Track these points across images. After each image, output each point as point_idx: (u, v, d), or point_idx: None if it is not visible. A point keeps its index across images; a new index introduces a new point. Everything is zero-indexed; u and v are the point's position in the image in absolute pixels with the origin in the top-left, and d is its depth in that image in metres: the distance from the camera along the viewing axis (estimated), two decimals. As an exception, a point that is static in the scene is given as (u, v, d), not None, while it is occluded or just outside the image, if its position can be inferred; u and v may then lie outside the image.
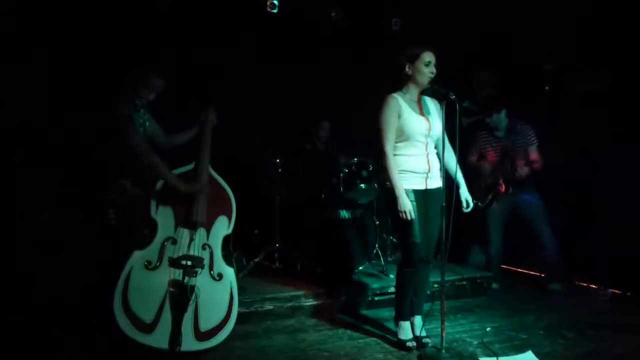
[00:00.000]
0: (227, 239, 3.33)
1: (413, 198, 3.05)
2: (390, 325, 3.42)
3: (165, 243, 3.03)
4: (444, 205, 3.00)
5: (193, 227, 3.10)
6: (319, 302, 3.85)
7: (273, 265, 4.59)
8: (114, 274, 2.88)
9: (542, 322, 3.69)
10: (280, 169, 4.63)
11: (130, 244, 2.99)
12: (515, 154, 4.32)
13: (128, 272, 2.90)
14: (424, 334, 3.20)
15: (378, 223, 4.52)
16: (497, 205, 4.42)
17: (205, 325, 2.94)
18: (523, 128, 4.36)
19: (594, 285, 4.54)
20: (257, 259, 4.44)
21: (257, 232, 4.79)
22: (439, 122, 3.15)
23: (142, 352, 2.81)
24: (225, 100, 3.73)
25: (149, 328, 2.83)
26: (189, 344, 2.87)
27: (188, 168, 3.26)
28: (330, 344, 3.26)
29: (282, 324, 3.61)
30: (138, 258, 2.94)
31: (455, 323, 3.68)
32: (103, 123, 3.08)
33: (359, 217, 4.50)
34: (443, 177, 3.19)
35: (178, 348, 2.82)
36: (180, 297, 2.90)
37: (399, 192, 2.99)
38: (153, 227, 3.08)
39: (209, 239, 3.14)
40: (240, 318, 3.22)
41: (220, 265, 3.12)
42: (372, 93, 3.31)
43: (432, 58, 3.05)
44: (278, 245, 4.56)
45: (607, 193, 4.54)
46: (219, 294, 3.05)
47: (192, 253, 3.04)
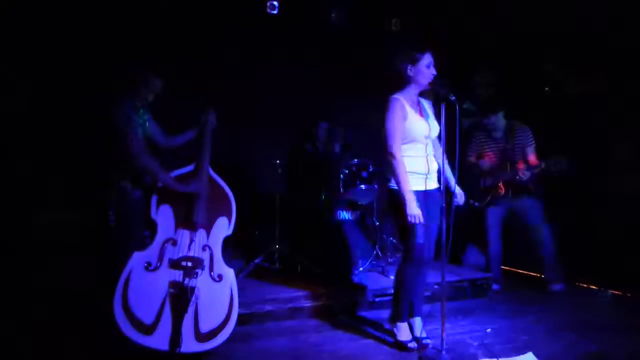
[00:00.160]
0: (227, 240, 3.33)
1: (414, 199, 3.06)
2: (391, 326, 3.42)
3: (165, 244, 3.02)
4: (444, 206, 3.00)
5: (193, 228, 3.09)
6: (319, 303, 3.84)
7: (273, 267, 4.58)
8: (114, 275, 2.88)
9: (542, 323, 3.68)
10: (280, 170, 4.63)
11: (130, 245, 2.99)
12: (514, 156, 4.31)
13: (128, 273, 2.89)
14: (424, 335, 3.20)
15: (378, 224, 4.51)
16: (495, 206, 4.41)
17: (206, 327, 2.94)
18: (521, 129, 4.36)
19: (595, 287, 4.54)
20: (257, 260, 4.43)
21: (257, 233, 4.80)
22: (436, 123, 3.17)
23: (142, 353, 2.81)
24: (225, 101, 3.72)
25: (149, 329, 2.83)
26: (189, 346, 2.87)
27: (188, 169, 3.26)
28: (331, 345, 3.26)
29: (282, 325, 3.61)
30: (138, 259, 2.94)
31: (456, 324, 3.67)
32: (103, 123, 3.07)
33: (359, 218, 4.50)
34: (443, 178, 3.20)
35: (178, 349, 2.82)
36: (181, 298, 2.89)
37: (409, 195, 2.99)
38: (153, 228, 3.07)
39: (209, 240, 3.13)
40: (241, 319, 3.22)
41: (221, 267, 3.11)
42: (372, 93, 3.31)
43: (432, 59, 3.06)
44: (278, 247, 4.56)
45: (607, 193, 4.53)
46: (219, 295, 3.04)
47: (192, 254, 3.03)
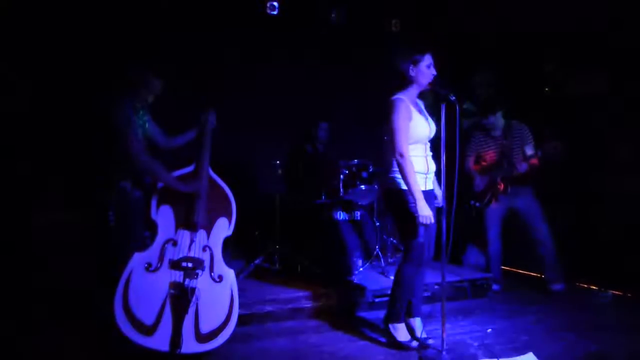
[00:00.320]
0: (227, 241, 3.33)
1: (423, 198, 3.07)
2: (391, 327, 3.42)
3: (166, 245, 3.02)
4: (444, 207, 3.00)
5: (193, 228, 3.09)
6: (319, 303, 3.85)
7: (273, 267, 4.59)
8: (114, 276, 2.88)
9: (542, 323, 3.68)
10: (280, 171, 4.64)
11: (131, 246, 2.99)
12: (512, 153, 4.32)
13: (128, 274, 2.89)
14: (425, 336, 3.21)
15: (378, 224, 4.51)
16: (496, 205, 4.41)
17: (206, 327, 2.94)
18: (519, 127, 4.37)
19: (595, 287, 4.54)
20: (257, 261, 4.43)
21: (257, 233, 4.80)
22: (433, 123, 3.18)
23: (142, 354, 2.81)
24: (225, 101, 3.73)
25: (150, 330, 2.82)
26: (190, 346, 2.87)
27: (188, 169, 3.26)
28: (331, 346, 3.26)
29: (282, 326, 3.61)
30: (138, 260, 2.94)
31: (456, 324, 3.67)
32: (103, 124, 3.07)
33: (359, 218, 4.50)
34: (443, 178, 3.20)
35: (178, 350, 2.82)
36: (181, 299, 2.89)
37: (419, 195, 2.98)
38: (153, 228, 3.07)
39: (209, 241, 3.13)
40: (241, 320, 3.21)
41: (221, 267, 3.11)
42: (372, 94, 3.32)
43: (432, 59, 3.07)
44: (278, 247, 4.56)
45: (606, 193, 4.53)
46: (220, 296, 3.04)
47: (192, 255, 3.03)
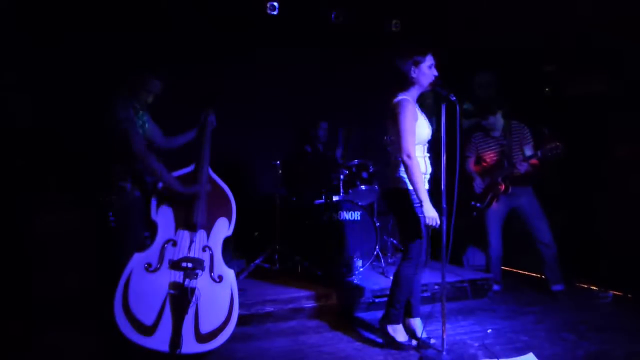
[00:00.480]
0: (227, 241, 3.33)
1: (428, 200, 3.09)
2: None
3: (166, 245, 3.03)
4: (445, 207, 3.00)
5: (193, 229, 3.10)
6: (319, 304, 3.85)
7: (273, 267, 4.59)
8: (114, 276, 2.88)
9: (543, 324, 3.68)
10: (281, 171, 4.64)
11: (131, 246, 2.99)
12: (512, 153, 4.32)
13: (128, 274, 2.89)
14: (425, 336, 3.21)
15: (379, 224, 4.51)
16: (496, 206, 4.41)
17: (206, 327, 2.94)
18: (518, 127, 4.37)
19: (595, 287, 4.54)
20: (257, 261, 4.43)
21: (257, 234, 4.80)
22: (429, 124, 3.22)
23: (142, 354, 2.80)
24: (225, 101, 3.73)
25: (150, 330, 2.82)
26: (190, 346, 2.87)
27: (188, 170, 3.26)
28: (331, 346, 3.25)
29: (282, 326, 3.61)
30: (138, 260, 2.94)
31: (456, 325, 3.67)
32: (103, 125, 3.08)
33: (360, 218, 4.50)
34: (443, 179, 3.20)
35: (179, 350, 2.82)
36: (181, 299, 2.89)
37: (425, 196, 3.00)
38: (153, 229, 3.07)
39: (209, 241, 3.13)
40: (241, 320, 3.22)
41: (221, 267, 3.11)
42: (372, 94, 3.31)
43: (434, 60, 3.08)
44: (278, 247, 4.56)
45: (607, 193, 4.53)
46: (220, 296, 3.04)
47: (192, 255, 3.03)
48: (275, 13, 4.83)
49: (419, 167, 3.03)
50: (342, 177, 4.58)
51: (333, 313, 3.83)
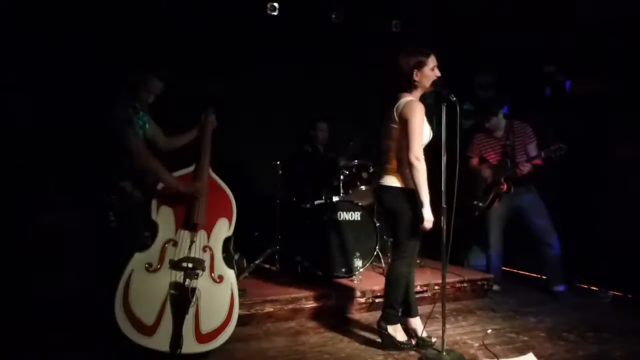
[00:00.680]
0: (227, 241, 3.33)
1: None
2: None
3: (166, 245, 3.02)
4: (445, 207, 3.00)
5: (194, 229, 3.09)
6: (319, 304, 3.85)
7: (273, 268, 4.59)
8: (115, 276, 2.87)
9: (543, 324, 3.68)
10: (281, 171, 4.63)
11: (131, 246, 2.98)
12: (515, 153, 4.31)
13: (129, 274, 2.89)
14: (425, 335, 3.21)
15: (378, 225, 4.51)
16: (498, 206, 4.41)
17: (206, 328, 2.94)
18: (521, 127, 4.37)
19: (595, 288, 4.54)
20: (257, 261, 4.43)
21: (257, 234, 4.79)
22: None
23: (142, 354, 2.80)
24: (226, 101, 3.72)
25: (150, 330, 2.82)
26: (190, 346, 2.86)
27: (188, 170, 3.26)
28: (331, 346, 3.26)
29: (282, 326, 3.61)
30: (139, 260, 2.94)
31: (456, 325, 3.68)
32: (103, 125, 3.07)
33: (359, 218, 4.50)
34: (443, 179, 3.20)
35: (179, 350, 2.81)
36: (181, 299, 2.89)
37: (427, 199, 3.01)
38: (153, 229, 3.07)
39: (210, 241, 3.13)
40: (241, 320, 3.22)
41: (221, 268, 3.11)
42: (372, 94, 3.31)
43: (436, 61, 3.08)
44: (278, 247, 4.56)
45: (607, 193, 4.53)
46: (220, 296, 3.04)
47: (192, 255, 3.03)
48: (275, 13, 4.84)
49: (425, 169, 3.04)
50: (342, 177, 4.58)
51: (333, 313, 3.83)
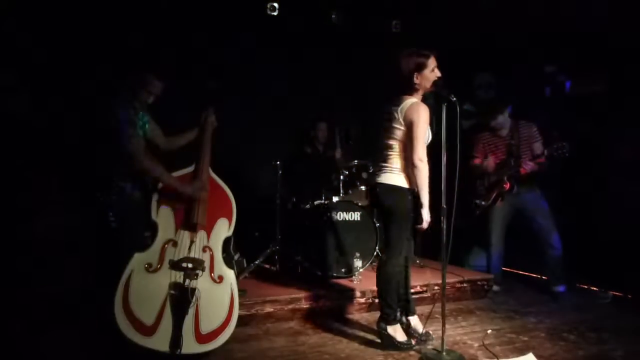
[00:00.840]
0: (227, 241, 3.33)
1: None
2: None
3: (166, 245, 3.02)
4: (445, 207, 3.00)
5: (193, 229, 3.09)
6: (320, 304, 3.85)
7: (273, 268, 4.59)
8: (115, 277, 2.87)
9: (543, 324, 3.68)
10: (281, 171, 4.63)
11: (131, 247, 2.98)
12: (519, 152, 4.31)
13: (128, 274, 2.89)
14: (424, 332, 3.22)
15: (378, 225, 4.51)
16: (500, 205, 4.40)
17: (206, 328, 2.93)
18: (527, 126, 4.36)
19: (595, 288, 4.54)
20: (257, 262, 4.43)
21: (257, 234, 4.79)
22: None
23: (142, 354, 2.80)
24: (225, 101, 3.72)
25: (150, 330, 2.82)
26: (190, 347, 2.86)
27: (188, 170, 3.26)
28: (331, 346, 3.26)
29: (282, 327, 3.61)
30: (138, 260, 2.94)
31: (456, 325, 3.68)
32: (103, 125, 3.07)
33: (359, 219, 4.50)
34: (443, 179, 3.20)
35: (179, 350, 2.81)
36: (181, 299, 2.89)
37: (427, 201, 3.05)
38: (153, 229, 3.07)
39: (210, 241, 3.13)
40: (241, 320, 3.22)
41: (221, 268, 3.11)
42: (372, 94, 3.31)
43: (435, 62, 3.08)
44: (278, 248, 4.56)
45: (607, 193, 4.53)
46: (220, 296, 3.04)
47: (192, 255, 3.03)
48: (275, 13, 4.84)
49: (427, 171, 3.06)
50: (342, 177, 4.58)
51: (333, 313, 3.83)
